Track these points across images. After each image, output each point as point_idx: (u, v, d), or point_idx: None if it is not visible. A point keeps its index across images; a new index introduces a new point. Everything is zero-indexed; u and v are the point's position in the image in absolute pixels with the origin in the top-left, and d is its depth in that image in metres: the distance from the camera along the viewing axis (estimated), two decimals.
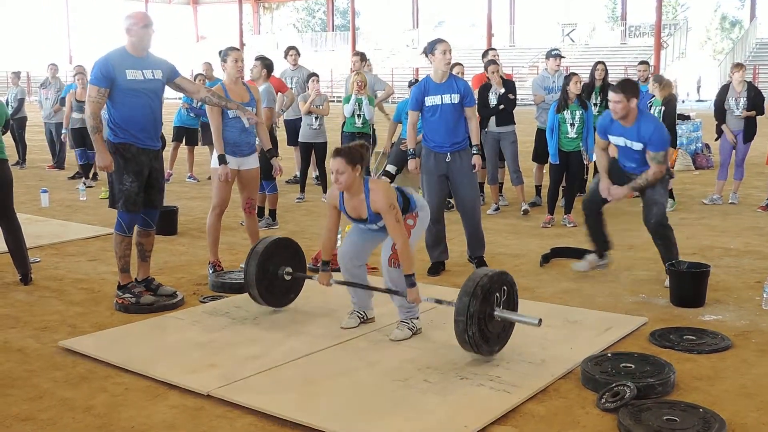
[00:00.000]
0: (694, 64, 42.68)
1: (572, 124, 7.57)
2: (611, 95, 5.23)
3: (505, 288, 4.04)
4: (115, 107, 4.84)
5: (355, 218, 4.38)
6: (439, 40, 5.89)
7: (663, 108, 8.17)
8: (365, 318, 4.62)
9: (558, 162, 7.60)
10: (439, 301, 4.41)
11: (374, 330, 4.49)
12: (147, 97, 4.88)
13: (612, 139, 5.40)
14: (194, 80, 10.24)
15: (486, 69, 8.51)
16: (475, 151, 5.83)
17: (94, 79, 4.79)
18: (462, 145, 5.81)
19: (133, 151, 4.87)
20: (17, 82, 13.21)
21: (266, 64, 7.47)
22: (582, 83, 7.69)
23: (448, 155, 5.76)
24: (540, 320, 3.96)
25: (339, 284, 4.60)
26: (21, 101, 12.87)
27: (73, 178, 11.40)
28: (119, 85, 4.78)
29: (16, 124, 12.67)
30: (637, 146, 5.26)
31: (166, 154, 11.48)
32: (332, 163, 4.20)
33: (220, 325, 4.61)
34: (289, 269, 4.85)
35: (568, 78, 7.79)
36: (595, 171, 9.10)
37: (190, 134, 11.04)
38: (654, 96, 8.36)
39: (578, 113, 7.53)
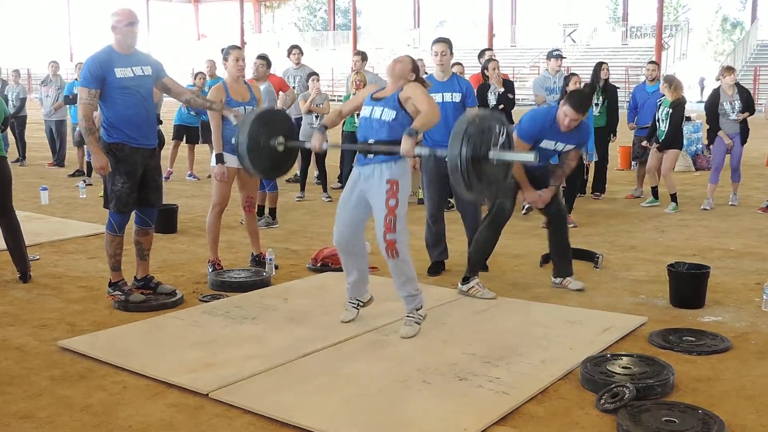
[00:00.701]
0: (695, 65, 42.67)
1: None
2: (570, 112, 4.98)
3: (499, 127, 3.95)
4: (107, 106, 4.80)
5: (377, 98, 4.37)
6: (436, 40, 5.88)
7: (671, 110, 8.19)
8: (361, 304, 4.63)
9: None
10: (432, 150, 4.49)
11: (374, 330, 4.49)
12: (139, 94, 4.84)
13: (544, 143, 5.17)
14: (195, 78, 10.25)
15: (485, 68, 8.51)
16: None
17: (84, 80, 4.75)
18: None
19: (126, 151, 4.83)
20: (18, 80, 13.18)
21: (269, 63, 7.50)
22: (583, 84, 7.68)
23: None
24: (536, 154, 3.98)
25: (332, 148, 4.66)
26: (23, 100, 12.90)
27: (73, 175, 11.40)
28: (109, 84, 4.74)
29: (17, 123, 12.66)
30: (568, 148, 5.24)
31: (167, 152, 11.51)
32: (397, 57, 4.42)
33: (219, 324, 4.60)
34: (281, 139, 4.67)
35: (568, 78, 7.79)
36: (596, 171, 9.18)
37: (190, 132, 11.04)
38: (664, 95, 8.37)
39: None
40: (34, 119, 14.95)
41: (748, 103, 8.36)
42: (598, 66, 9.05)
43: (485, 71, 8.54)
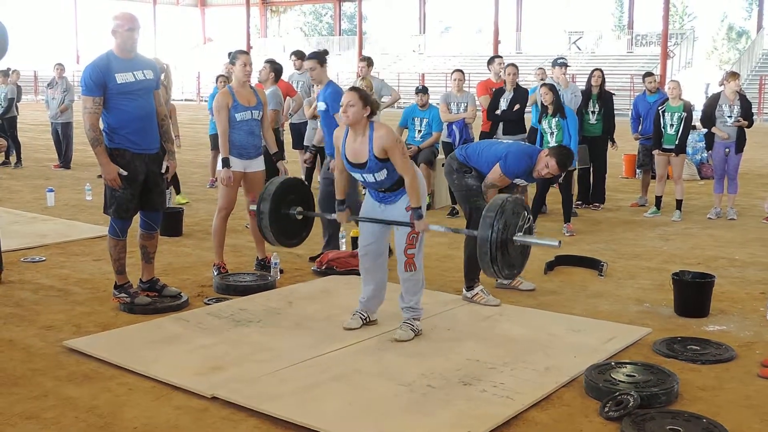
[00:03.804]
0: (700, 73, 42.64)
1: (552, 133, 7.57)
2: (554, 168, 5.11)
3: (524, 213, 4.21)
4: (110, 112, 4.75)
5: (354, 164, 4.35)
6: (306, 57, 6.26)
7: (685, 114, 8.25)
8: (368, 320, 4.65)
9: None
10: (456, 230, 4.79)
11: (379, 334, 4.50)
12: (141, 99, 4.81)
13: (518, 180, 5.30)
14: (216, 81, 10.19)
15: (501, 71, 8.57)
16: None
17: (86, 89, 4.68)
18: None
19: (127, 157, 4.80)
20: (6, 80, 12.84)
21: (275, 68, 7.51)
22: (552, 92, 7.65)
23: None
24: (560, 242, 4.22)
25: (354, 220, 4.78)
26: (11, 101, 12.66)
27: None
28: (111, 90, 4.69)
29: (6, 124, 12.54)
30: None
31: (199, 159, 11.48)
32: (344, 97, 4.29)
33: (224, 327, 4.62)
34: (300, 208, 4.85)
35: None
36: (595, 181, 9.15)
37: None
38: (666, 101, 8.39)
39: (554, 121, 7.54)
40: (40, 121, 15.00)
41: (747, 113, 8.34)
42: (591, 73, 9.05)
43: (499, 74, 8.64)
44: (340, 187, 4.65)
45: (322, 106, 6.04)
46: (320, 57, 6.14)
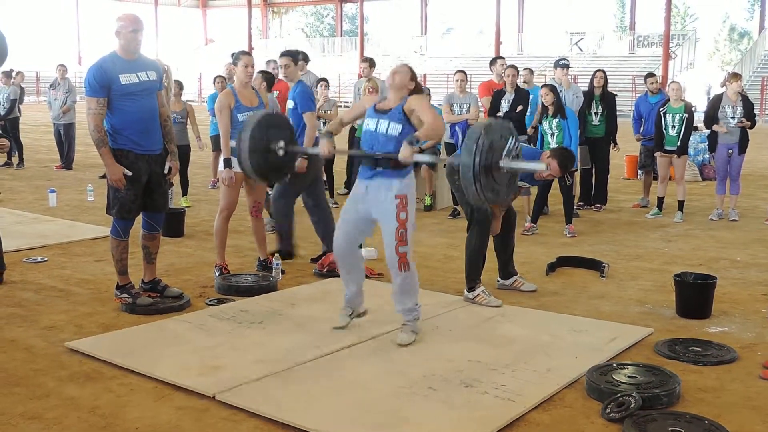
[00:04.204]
0: (702, 74, 42.62)
1: (552, 134, 7.57)
2: (555, 169, 5.12)
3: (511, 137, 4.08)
4: (113, 113, 4.75)
5: (379, 110, 4.39)
6: (280, 54, 6.24)
7: (687, 115, 8.26)
8: (353, 313, 4.64)
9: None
10: (441, 160, 4.62)
11: (380, 336, 4.50)
12: (144, 100, 4.82)
13: (520, 182, 5.34)
14: (214, 83, 10.19)
15: (503, 72, 8.57)
16: None
17: (91, 90, 4.68)
18: None
19: (131, 158, 4.80)
20: (9, 82, 12.85)
21: (267, 78, 7.55)
22: (553, 93, 7.66)
23: None
24: (547, 165, 4.16)
25: (340, 153, 4.75)
26: (14, 102, 12.67)
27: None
28: (115, 91, 4.70)
29: (9, 125, 12.55)
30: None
31: (201, 160, 11.55)
32: (397, 67, 4.48)
33: (226, 328, 4.62)
34: (281, 143, 4.72)
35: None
36: (597, 182, 9.15)
37: None
38: (668, 102, 8.39)
39: (554, 122, 7.54)
40: (42, 122, 15.01)
41: (750, 114, 8.35)
42: (593, 74, 9.06)
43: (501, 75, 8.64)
44: (333, 126, 4.67)
45: (290, 104, 6.19)
46: (294, 56, 6.41)
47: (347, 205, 4.54)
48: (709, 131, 8.77)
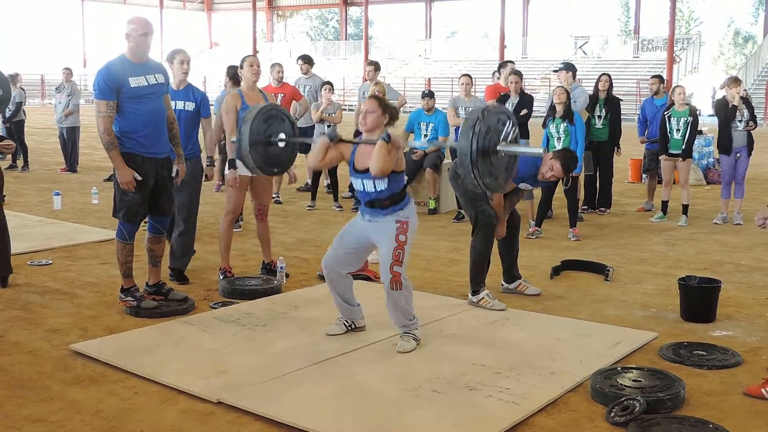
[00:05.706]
0: (706, 78, 42.58)
1: (559, 138, 7.56)
2: (558, 170, 5.17)
3: (509, 122, 4.05)
4: (122, 116, 4.75)
5: (359, 170, 4.28)
6: (178, 51, 5.84)
7: (692, 118, 8.24)
8: (353, 327, 4.61)
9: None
10: (437, 144, 4.57)
11: (384, 339, 4.50)
12: (153, 103, 4.83)
13: (522, 185, 5.36)
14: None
15: (507, 77, 8.58)
16: None
17: (100, 93, 4.68)
18: None
19: (138, 161, 4.80)
20: (14, 84, 12.67)
21: (230, 73, 7.64)
22: (567, 94, 7.68)
23: None
24: (545, 149, 4.04)
25: (339, 141, 4.39)
26: (19, 104, 12.66)
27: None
28: (124, 94, 4.70)
29: (14, 128, 12.57)
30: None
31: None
32: (365, 105, 4.31)
33: (230, 331, 4.63)
34: (282, 135, 4.73)
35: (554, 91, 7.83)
36: (601, 186, 9.14)
37: None
38: (672, 106, 8.38)
39: (562, 126, 7.54)
40: (47, 125, 15.05)
41: (752, 116, 8.34)
42: (599, 78, 9.06)
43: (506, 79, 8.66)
44: (309, 160, 4.60)
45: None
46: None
47: (348, 227, 4.53)
48: (712, 136, 8.75)
